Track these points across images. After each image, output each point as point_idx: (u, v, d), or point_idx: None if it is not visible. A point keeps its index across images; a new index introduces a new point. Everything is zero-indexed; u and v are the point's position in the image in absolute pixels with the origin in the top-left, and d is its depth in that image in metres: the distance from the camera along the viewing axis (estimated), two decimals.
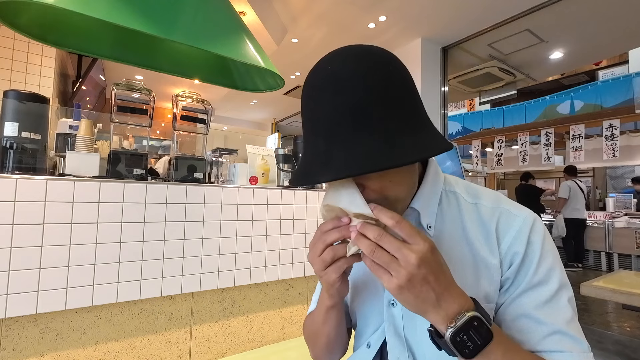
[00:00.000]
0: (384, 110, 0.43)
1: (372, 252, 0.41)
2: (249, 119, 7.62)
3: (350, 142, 0.42)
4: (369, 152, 0.41)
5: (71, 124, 1.38)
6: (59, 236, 1.04)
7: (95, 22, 1.07)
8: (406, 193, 0.50)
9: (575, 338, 0.47)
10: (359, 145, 0.42)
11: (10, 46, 2.22)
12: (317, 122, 0.46)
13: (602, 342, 2.61)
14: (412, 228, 0.41)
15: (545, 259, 0.49)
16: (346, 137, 0.43)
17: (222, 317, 1.38)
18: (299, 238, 1.57)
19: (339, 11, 3.04)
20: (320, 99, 0.45)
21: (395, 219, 0.42)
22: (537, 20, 2.98)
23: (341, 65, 0.45)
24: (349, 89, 0.43)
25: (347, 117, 0.43)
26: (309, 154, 0.47)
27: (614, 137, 3.96)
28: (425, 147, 0.44)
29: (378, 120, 0.43)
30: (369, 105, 0.43)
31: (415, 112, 0.46)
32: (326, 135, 0.44)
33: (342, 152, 0.42)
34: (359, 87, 0.43)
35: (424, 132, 0.46)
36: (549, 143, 4.61)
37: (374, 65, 0.45)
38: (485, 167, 6.81)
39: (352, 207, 0.44)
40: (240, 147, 1.98)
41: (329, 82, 0.44)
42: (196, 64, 1.32)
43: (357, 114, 0.43)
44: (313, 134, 0.46)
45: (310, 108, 0.47)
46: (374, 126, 0.43)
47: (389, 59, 0.47)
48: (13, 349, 1.00)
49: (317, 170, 0.45)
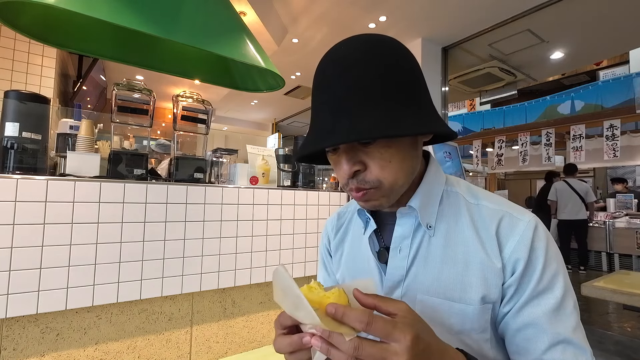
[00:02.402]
0: (390, 89, 0.45)
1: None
2: (250, 119, 7.62)
3: (356, 114, 0.44)
4: (374, 122, 0.43)
5: (72, 124, 1.38)
6: (59, 236, 1.04)
7: (96, 23, 1.07)
8: (403, 181, 0.50)
9: (579, 346, 0.46)
10: (364, 117, 0.44)
11: (11, 46, 2.23)
12: (324, 101, 0.47)
13: (602, 342, 2.61)
14: (385, 325, 0.36)
15: (549, 265, 0.48)
16: (352, 110, 0.44)
17: (223, 317, 1.38)
18: (299, 238, 1.57)
19: (339, 11, 3.04)
20: (329, 79, 0.47)
21: (365, 321, 0.36)
22: (538, 20, 2.98)
23: (352, 48, 0.47)
24: (357, 69, 0.45)
25: (354, 93, 0.45)
26: (314, 129, 0.48)
27: (615, 137, 3.96)
28: (428, 124, 0.46)
29: (383, 98, 0.45)
30: (376, 83, 0.45)
31: (420, 97, 0.48)
32: (333, 111, 0.46)
33: (348, 121, 0.44)
34: (367, 66, 0.45)
35: (429, 115, 0.48)
36: (550, 143, 4.61)
37: (383, 49, 0.47)
38: (486, 167, 6.80)
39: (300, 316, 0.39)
40: (241, 147, 1.98)
41: (338, 64, 0.47)
42: (197, 64, 1.32)
43: (363, 91, 0.44)
44: (321, 112, 0.48)
45: (319, 91, 0.49)
46: (379, 102, 0.45)
47: (398, 45, 0.49)
48: (14, 348, 1.00)
49: (323, 137, 0.45)
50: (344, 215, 0.70)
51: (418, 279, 0.52)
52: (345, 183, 0.50)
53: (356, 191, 0.49)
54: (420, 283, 0.52)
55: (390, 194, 0.50)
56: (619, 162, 5.70)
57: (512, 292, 0.49)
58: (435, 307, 0.50)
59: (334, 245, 0.69)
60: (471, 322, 0.48)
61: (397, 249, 0.54)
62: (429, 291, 0.51)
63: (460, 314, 0.49)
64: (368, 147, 0.47)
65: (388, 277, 0.54)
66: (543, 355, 0.46)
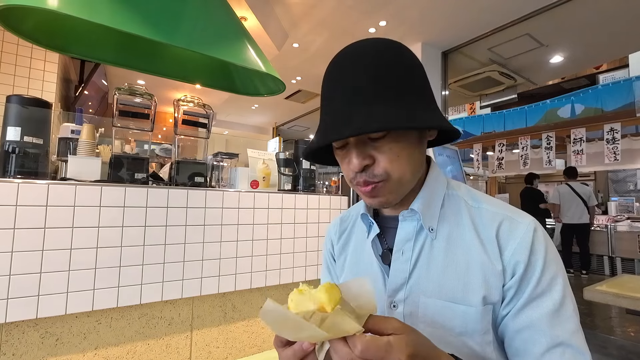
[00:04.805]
0: (404, 85, 0.48)
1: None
2: (250, 123, 7.64)
3: (370, 106, 0.46)
4: (388, 114, 0.45)
5: (73, 129, 1.38)
6: (60, 240, 1.04)
7: (98, 28, 1.08)
8: (409, 176, 0.51)
9: (579, 350, 0.46)
10: (380, 109, 0.46)
11: (14, 51, 2.25)
12: (337, 95, 0.49)
13: (605, 347, 2.59)
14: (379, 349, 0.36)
15: (548, 268, 0.49)
16: (366, 101, 0.46)
17: (223, 321, 1.37)
18: (300, 242, 1.56)
19: (339, 16, 3.06)
20: (345, 73, 0.49)
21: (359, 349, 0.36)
22: (537, 24, 2.99)
23: (367, 47, 0.50)
24: (373, 64, 0.48)
25: (368, 86, 0.47)
26: (329, 121, 0.49)
27: (615, 141, 3.95)
28: (438, 120, 0.49)
29: (395, 92, 0.47)
30: (391, 78, 0.47)
31: (429, 96, 0.51)
32: (346, 102, 0.47)
33: (362, 113, 0.46)
34: (379, 62, 0.48)
35: (436, 112, 0.51)
36: (550, 147, 4.60)
37: (395, 49, 0.50)
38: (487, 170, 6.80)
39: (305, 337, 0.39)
40: (241, 151, 1.99)
41: (350, 60, 0.49)
42: (198, 69, 1.33)
43: (379, 85, 0.47)
44: (333, 103, 0.49)
45: (333, 83, 0.50)
46: (392, 96, 0.47)
47: (407, 48, 0.53)
48: (13, 354, 0.99)
49: (338, 128, 0.46)
50: (347, 220, 0.71)
51: (421, 281, 0.53)
52: (353, 177, 0.51)
53: (364, 185, 0.50)
54: (423, 285, 0.52)
55: (397, 190, 0.51)
56: (620, 166, 5.69)
57: (512, 294, 0.49)
58: (437, 309, 0.51)
59: (337, 249, 0.69)
60: (474, 324, 0.49)
61: (400, 252, 0.55)
62: (432, 293, 0.51)
63: (463, 315, 0.49)
64: (378, 142, 0.48)
65: (391, 280, 0.55)
66: (541, 357, 0.46)
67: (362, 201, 0.62)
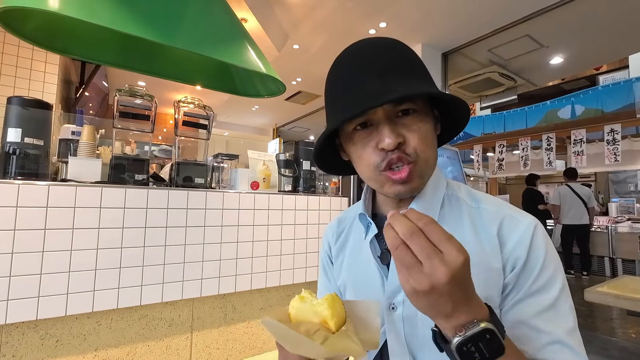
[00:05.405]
0: (419, 68, 0.51)
1: (394, 248, 0.36)
2: (250, 124, 7.65)
3: (405, 79, 0.48)
4: (422, 87, 0.49)
5: (74, 130, 1.38)
6: (60, 242, 1.04)
7: (99, 30, 1.08)
8: (433, 162, 0.52)
9: (574, 351, 0.46)
10: (412, 82, 0.48)
11: (15, 53, 2.25)
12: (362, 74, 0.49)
13: (606, 349, 2.58)
14: (443, 232, 0.36)
15: (547, 266, 0.49)
16: (401, 74, 0.49)
17: (223, 323, 1.37)
18: (300, 243, 1.56)
19: (339, 17, 3.06)
20: (363, 58, 0.50)
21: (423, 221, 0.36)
22: (537, 25, 2.99)
23: (372, 40, 0.52)
24: (387, 51, 0.50)
25: (397, 67, 0.49)
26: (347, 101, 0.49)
27: (616, 142, 3.95)
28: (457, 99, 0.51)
29: (420, 72, 0.51)
30: (408, 61, 0.50)
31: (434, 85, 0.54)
32: (377, 77, 0.48)
33: (399, 84, 0.47)
34: (394, 50, 0.50)
35: None
36: (551, 148, 4.60)
37: (398, 41, 0.53)
38: (487, 171, 6.79)
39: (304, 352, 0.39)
40: (242, 153, 1.99)
41: (368, 48, 0.51)
42: (198, 70, 1.33)
43: (404, 65, 0.50)
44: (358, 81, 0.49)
45: (352, 67, 0.50)
46: (419, 74, 0.50)
47: None
48: (13, 355, 0.99)
49: (374, 98, 0.46)
50: (344, 221, 0.70)
51: None
52: (381, 160, 0.49)
53: (396, 167, 0.49)
54: None
55: (424, 173, 0.51)
56: (620, 167, 5.68)
57: (510, 289, 0.49)
58: None
59: (335, 251, 0.69)
60: None
61: None
62: None
63: None
64: (407, 118, 0.49)
65: (390, 281, 0.54)
66: (536, 354, 0.46)
67: (361, 202, 0.62)
